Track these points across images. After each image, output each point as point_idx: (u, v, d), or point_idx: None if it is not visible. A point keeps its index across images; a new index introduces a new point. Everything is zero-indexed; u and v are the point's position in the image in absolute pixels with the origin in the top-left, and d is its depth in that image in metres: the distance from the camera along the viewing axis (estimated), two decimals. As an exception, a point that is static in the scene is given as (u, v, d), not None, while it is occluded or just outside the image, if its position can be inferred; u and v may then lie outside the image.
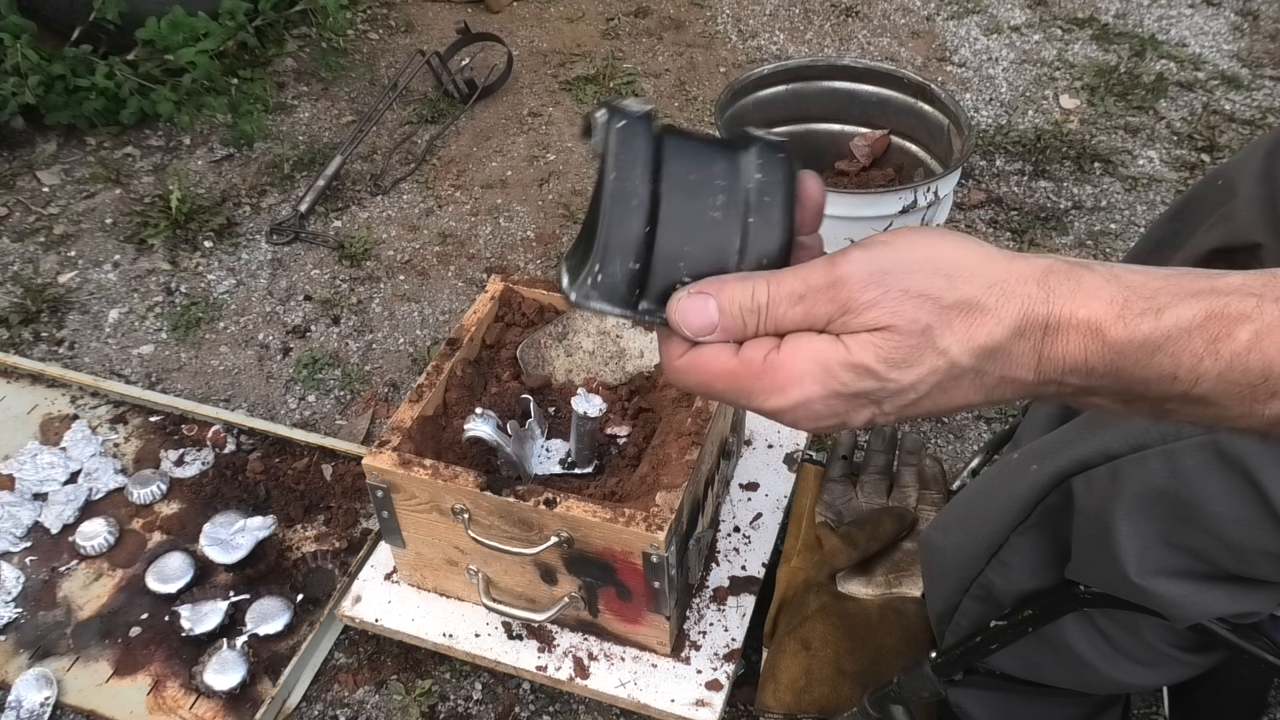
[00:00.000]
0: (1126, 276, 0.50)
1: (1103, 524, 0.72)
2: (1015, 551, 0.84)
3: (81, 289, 2.07)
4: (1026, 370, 0.50)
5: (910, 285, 0.49)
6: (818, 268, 0.52)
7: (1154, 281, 0.49)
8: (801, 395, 0.51)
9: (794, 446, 1.53)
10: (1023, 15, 2.92)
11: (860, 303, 0.50)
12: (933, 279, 0.49)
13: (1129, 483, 0.70)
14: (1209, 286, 0.48)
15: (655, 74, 2.72)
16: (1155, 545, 0.70)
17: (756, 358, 0.52)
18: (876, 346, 0.50)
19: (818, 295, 0.51)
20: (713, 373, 0.54)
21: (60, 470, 1.62)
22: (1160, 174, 2.33)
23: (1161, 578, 0.71)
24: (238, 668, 1.35)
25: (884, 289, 0.50)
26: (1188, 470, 0.67)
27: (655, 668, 1.28)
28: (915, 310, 0.49)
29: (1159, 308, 0.48)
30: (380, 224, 2.23)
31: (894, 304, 0.49)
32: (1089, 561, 0.76)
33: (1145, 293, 0.49)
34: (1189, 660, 0.85)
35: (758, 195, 0.55)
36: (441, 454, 1.27)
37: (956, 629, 0.94)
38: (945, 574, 0.93)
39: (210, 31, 2.37)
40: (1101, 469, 0.72)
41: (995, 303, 0.49)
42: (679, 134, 0.56)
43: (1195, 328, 0.48)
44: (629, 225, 0.54)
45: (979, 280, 0.49)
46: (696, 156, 0.55)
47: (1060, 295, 0.49)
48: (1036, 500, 0.79)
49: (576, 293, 0.56)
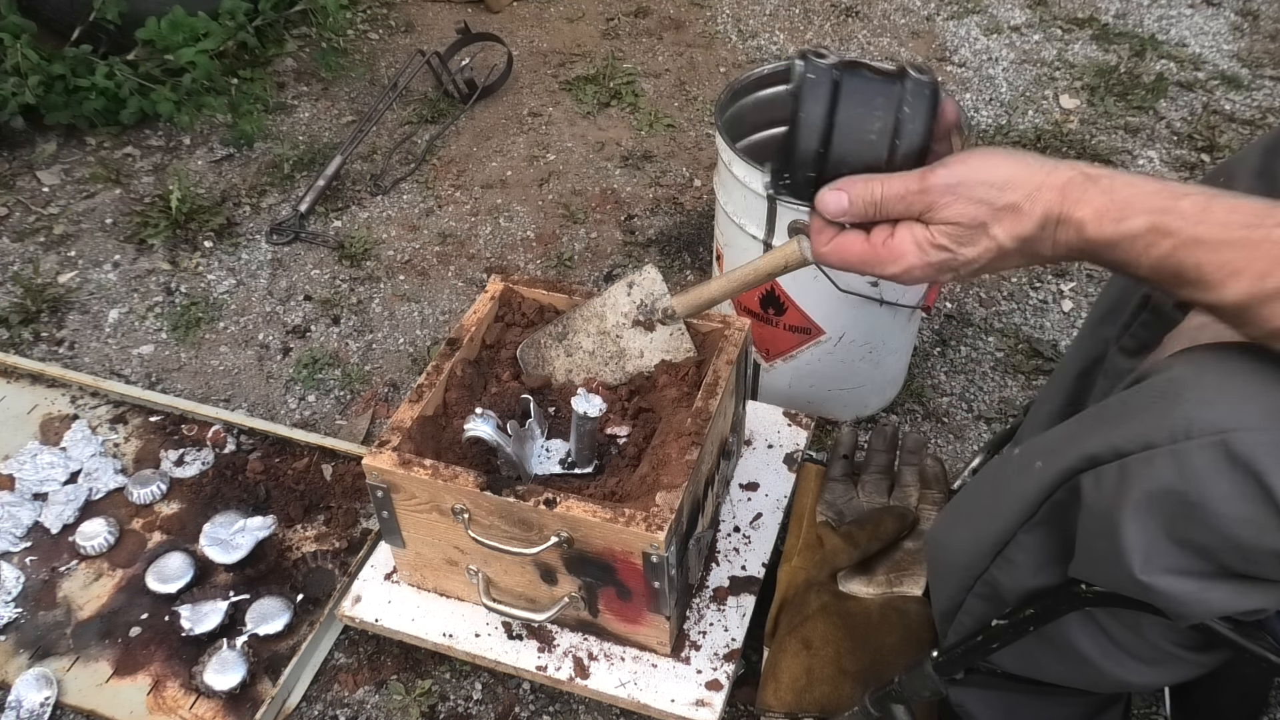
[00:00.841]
0: (1122, 189, 0.72)
1: (1109, 521, 0.72)
2: (1021, 549, 0.84)
3: (81, 289, 2.07)
4: (1046, 248, 0.76)
5: (974, 194, 0.75)
6: (915, 177, 0.78)
7: (1135, 194, 0.71)
8: (907, 264, 0.80)
9: (794, 446, 1.53)
10: (1023, 15, 2.92)
11: (941, 204, 0.77)
12: (989, 190, 0.75)
13: (1137, 480, 0.70)
14: (1164, 206, 0.70)
15: (655, 74, 2.72)
16: (1161, 543, 0.70)
17: (878, 240, 0.81)
18: (949, 234, 0.77)
19: (914, 196, 0.78)
20: (851, 251, 0.83)
21: (60, 470, 1.62)
22: (1160, 174, 2.33)
23: (1167, 575, 0.71)
24: (238, 668, 1.35)
25: (956, 195, 0.76)
26: (1196, 470, 0.67)
27: (655, 668, 1.28)
28: (975, 211, 0.76)
29: (1123, 218, 0.71)
30: (380, 224, 2.23)
31: (962, 207, 0.76)
32: (1094, 558, 0.76)
33: (1121, 203, 0.71)
34: (1192, 659, 0.85)
35: (905, 119, 0.80)
36: (441, 454, 1.27)
37: (960, 627, 0.94)
38: (950, 571, 0.93)
39: (210, 31, 2.37)
40: (1111, 466, 0.72)
41: (1029, 207, 0.74)
42: (856, 74, 0.81)
43: (1138, 236, 0.71)
44: (809, 147, 0.82)
45: (1020, 190, 0.74)
46: (864, 93, 0.80)
47: (1070, 200, 0.73)
48: (1044, 497, 0.79)
49: (773, 190, 0.89)
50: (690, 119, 2.55)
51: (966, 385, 1.85)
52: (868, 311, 1.56)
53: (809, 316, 1.59)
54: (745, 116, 1.68)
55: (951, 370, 1.88)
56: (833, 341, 1.61)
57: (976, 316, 1.98)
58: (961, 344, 1.93)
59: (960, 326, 1.96)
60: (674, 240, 2.17)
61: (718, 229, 1.69)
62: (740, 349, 1.33)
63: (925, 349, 1.91)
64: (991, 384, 1.85)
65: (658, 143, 2.47)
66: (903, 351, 1.73)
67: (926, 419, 1.78)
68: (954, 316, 1.98)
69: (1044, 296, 2.02)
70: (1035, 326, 1.96)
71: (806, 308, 1.57)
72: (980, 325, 1.96)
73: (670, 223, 2.22)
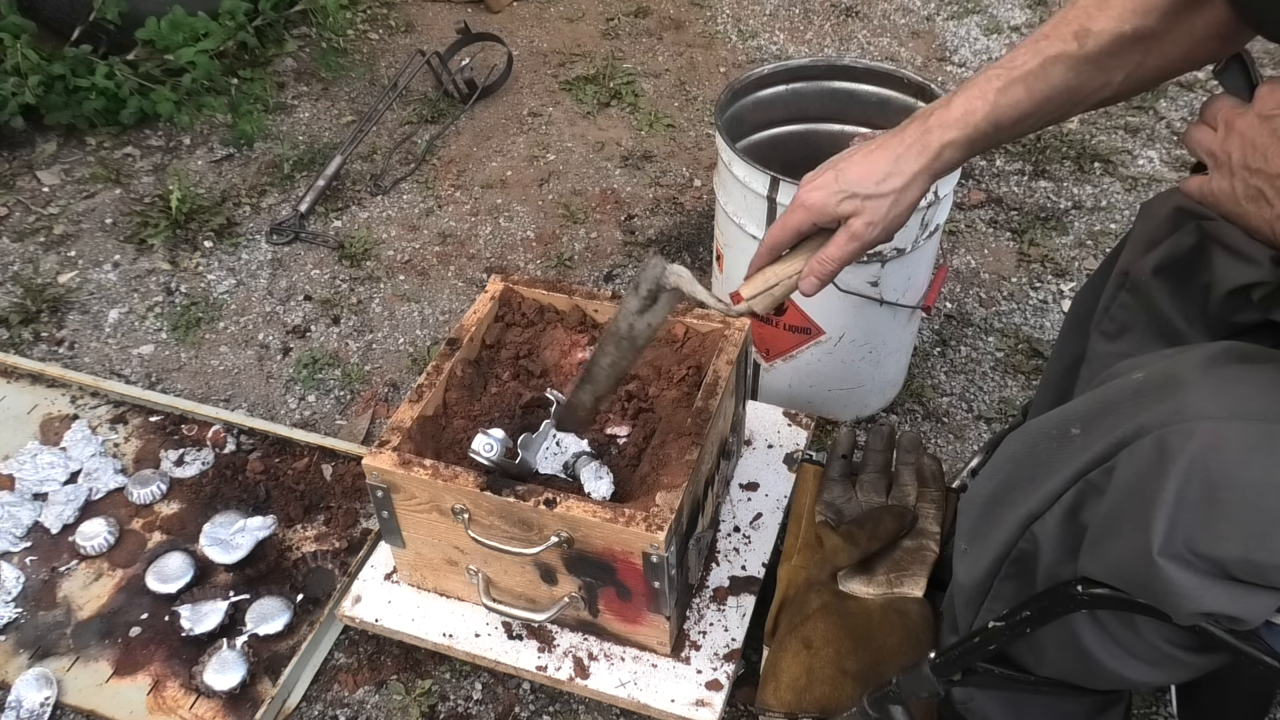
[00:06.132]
0: (961, 95, 0.99)
1: (1145, 497, 0.73)
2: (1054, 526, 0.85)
3: (81, 289, 2.07)
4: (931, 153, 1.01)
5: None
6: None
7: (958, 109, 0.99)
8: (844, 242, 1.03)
9: (794, 446, 1.53)
10: (1023, 15, 2.92)
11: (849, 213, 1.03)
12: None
13: (1176, 455, 0.72)
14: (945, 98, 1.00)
15: (655, 74, 2.72)
16: (1186, 522, 0.72)
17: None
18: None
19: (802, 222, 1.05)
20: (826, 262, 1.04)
21: (60, 470, 1.62)
22: (1160, 174, 2.33)
23: (1176, 563, 0.72)
24: (238, 668, 1.35)
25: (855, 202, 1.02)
26: (1228, 442, 0.70)
27: (655, 668, 1.28)
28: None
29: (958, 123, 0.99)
30: (380, 224, 2.23)
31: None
32: (1114, 538, 0.77)
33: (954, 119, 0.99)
34: (1189, 660, 0.85)
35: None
36: (441, 454, 1.27)
37: (991, 610, 0.94)
38: (985, 548, 0.92)
39: (210, 31, 2.37)
40: (1147, 438, 0.75)
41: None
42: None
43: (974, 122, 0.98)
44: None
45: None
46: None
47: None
48: (1089, 468, 0.80)
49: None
50: (690, 119, 2.55)
51: (966, 385, 1.85)
52: (868, 311, 1.57)
53: (809, 316, 1.59)
54: (745, 116, 1.68)
55: (951, 370, 1.88)
56: (833, 341, 1.61)
57: (976, 316, 1.98)
58: (961, 344, 1.93)
59: (960, 326, 1.96)
60: (674, 240, 2.17)
61: (718, 229, 1.69)
62: (740, 349, 1.33)
63: (925, 349, 1.91)
64: (991, 384, 1.85)
65: (658, 143, 2.47)
66: (903, 351, 1.73)
67: (926, 419, 1.78)
68: (954, 316, 1.98)
69: (1044, 296, 2.02)
70: (1035, 326, 1.96)
71: (806, 308, 1.57)
72: (980, 325, 1.97)
73: (670, 223, 2.22)
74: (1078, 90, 0.96)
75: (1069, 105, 0.98)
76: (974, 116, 0.97)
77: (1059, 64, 0.95)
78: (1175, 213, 0.95)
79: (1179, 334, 0.94)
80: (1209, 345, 0.82)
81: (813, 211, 1.02)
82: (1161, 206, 0.98)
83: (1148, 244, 0.98)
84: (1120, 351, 0.99)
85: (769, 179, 1.45)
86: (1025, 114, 0.98)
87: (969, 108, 0.97)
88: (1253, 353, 0.80)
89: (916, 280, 1.59)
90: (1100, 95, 0.98)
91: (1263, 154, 0.83)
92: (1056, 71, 0.95)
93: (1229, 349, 0.80)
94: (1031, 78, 0.95)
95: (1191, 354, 0.81)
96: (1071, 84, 0.96)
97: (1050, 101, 0.97)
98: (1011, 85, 0.96)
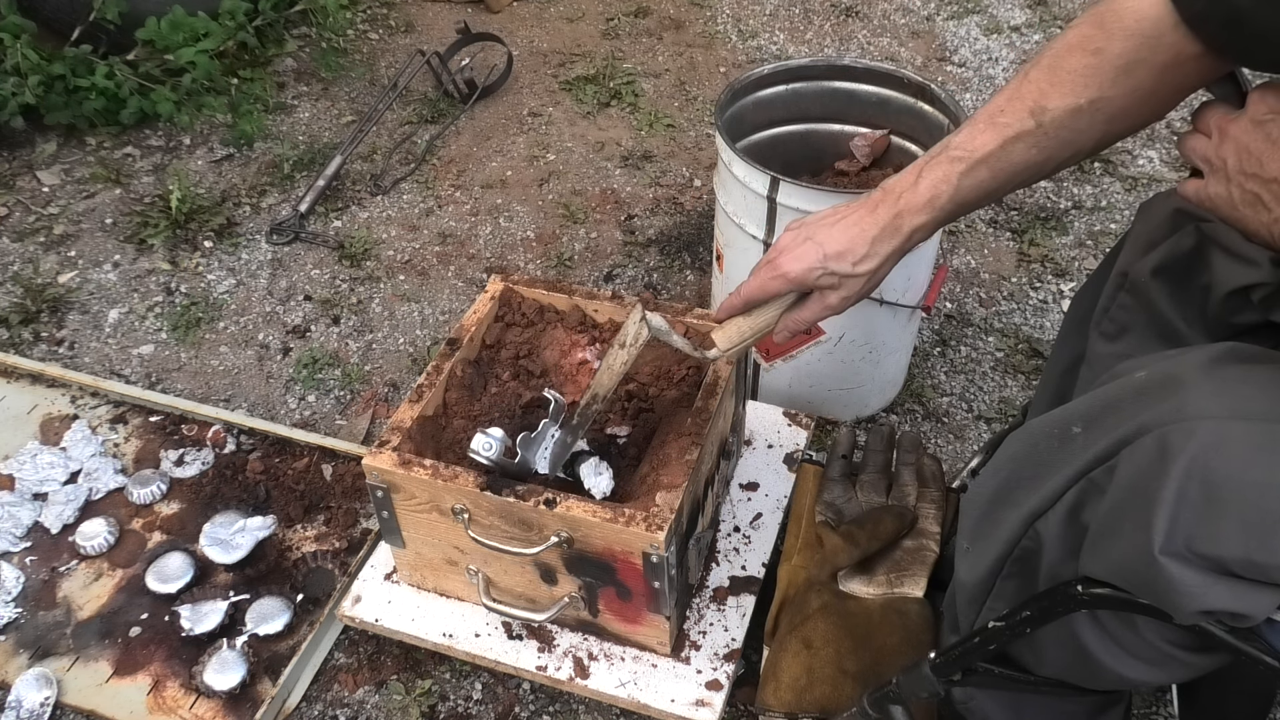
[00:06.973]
0: (925, 176, 1.02)
1: (1146, 495, 0.73)
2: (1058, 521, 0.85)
3: (81, 289, 2.07)
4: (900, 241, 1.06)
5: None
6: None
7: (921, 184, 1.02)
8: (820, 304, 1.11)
9: (794, 446, 1.53)
10: (1023, 15, 2.92)
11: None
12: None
13: (1177, 454, 0.72)
14: (925, 164, 1.03)
15: (655, 74, 2.72)
16: (1186, 520, 0.72)
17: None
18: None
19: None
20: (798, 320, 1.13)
21: (60, 470, 1.62)
22: (1160, 174, 2.33)
23: (1177, 562, 0.72)
24: (238, 668, 1.35)
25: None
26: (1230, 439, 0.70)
27: (655, 668, 1.28)
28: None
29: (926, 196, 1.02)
30: (380, 224, 2.23)
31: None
32: (1115, 536, 0.77)
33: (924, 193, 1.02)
34: (1189, 660, 0.85)
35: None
36: (441, 454, 1.27)
37: (993, 609, 0.94)
38: (987, 546, 0.93)
39: (210, 31, 2.37)
40: (1149, 436, 0.75)
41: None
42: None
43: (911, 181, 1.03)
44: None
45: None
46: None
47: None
48: (1091, 467, 0.80)
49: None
50: (690, 119, 2.55)
51: (966, 385, 1.85)
52: (868, 311, 1.57)
53: (809, 316, 1.58)
54: (745, 116, 1.68)
55: (951, 370, 1.88)
56: (833, 341, 1.61)
57: (976, 316, 1.98)
58: (961, 344, 1.93)
59: (960, 326, 1.96)
60: (674, 240, 2.17)
61: (718, 229, 1.69)
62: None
63: (925, 349, 1.91)
64: (991, 384, 1.85)
65: (658, 143, 2.47)
66: (903, 351, 1.73)
67: (926, 419, 1.78)
68: (954, 316, 1.98)
69: (1044, 296, 2.02)
70: (1035, 326, 1.96)
71: (806, 308, 1.57)
72: (980, 325, 1.97)
73: (670, 223, 2.22)
74: (1045, 162, 0.97)
75: (1040, 174, 1.00)
76: (940, 200, 1.01)
77: (1020, 142, 0.96)
78: (1174, 214, 0.95)
79: (1178, 335, 0.94)
80: (1211, 346, 0.82)
81: (793, 282, 1.08)
82: (1160, 207, 0.98)
83: (1147, 245, 0.98)
84: (1119, 352, 0.99)
85: (769, 179, 1.46)
86: (991, 190, 1.00)
87: (935, 192, 1.00)
88: (1254, 354, 0.80)
89: (916, 280, 1.59)
90: (1074, 160, 0.99)
91: (1258, 159, 0.83)
92: (1018, 150, 0.96)
93: (1231, 350, 0.80)
94: (993, 159, 0.97)
95: (1193, 354, 0.81)
96: (1035, 159, 0.97)
97: (1017, 175, 0.99)
98: (974, 168, 0.98)
